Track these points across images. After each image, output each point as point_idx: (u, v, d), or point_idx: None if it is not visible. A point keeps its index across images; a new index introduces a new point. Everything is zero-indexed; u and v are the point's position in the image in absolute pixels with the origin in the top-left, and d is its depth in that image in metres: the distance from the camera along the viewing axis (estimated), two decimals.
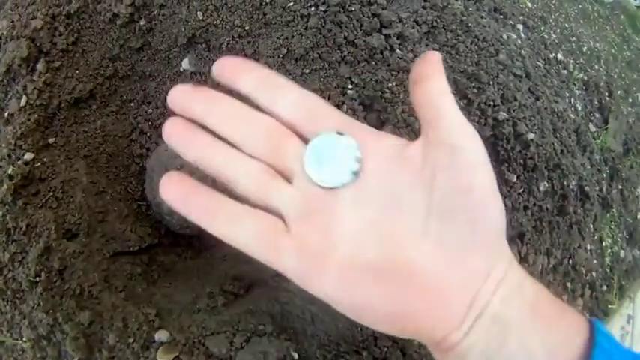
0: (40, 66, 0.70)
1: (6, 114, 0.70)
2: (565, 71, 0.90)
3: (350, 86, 0.64)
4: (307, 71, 0.64)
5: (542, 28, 0.89)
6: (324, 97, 0.65)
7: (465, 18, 0.75)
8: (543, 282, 0.74)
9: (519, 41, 0.82)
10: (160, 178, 0.65)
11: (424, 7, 0.73)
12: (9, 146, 0.68)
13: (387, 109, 0.64)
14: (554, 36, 0.94)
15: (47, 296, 0.60)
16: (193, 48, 0.69)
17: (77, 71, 0.70)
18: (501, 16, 0.85)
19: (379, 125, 0.65)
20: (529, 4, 0.93)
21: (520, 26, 0.86)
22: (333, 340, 0.57)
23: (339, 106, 0.65)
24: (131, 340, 0.57)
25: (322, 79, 0.65)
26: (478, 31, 0.75)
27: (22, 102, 0.70)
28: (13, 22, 0.69)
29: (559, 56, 0.91)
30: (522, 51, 0.79)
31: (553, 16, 0.99)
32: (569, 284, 0.78)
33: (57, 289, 0.61)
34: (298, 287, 0.27)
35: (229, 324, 0.57)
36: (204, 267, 0.67)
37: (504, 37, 0.78)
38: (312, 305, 0.57)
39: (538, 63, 0.83)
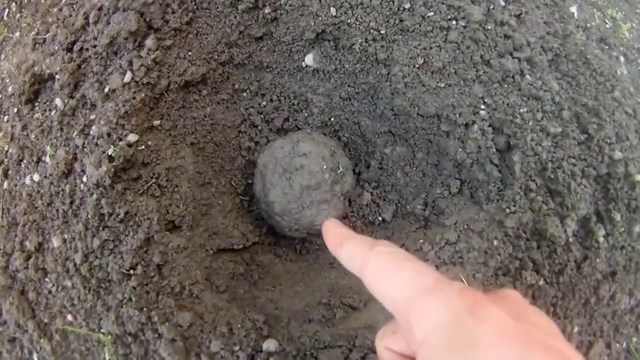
0: (149, 42, 0.65)
1: (106, 89, 0.65)
2: None
3: (482, 107, 0.63)
4: (442, 85, 0.62)
5: (639, 61, 0.89)
6: (456, 115, 0.63)
7: (583, 49, 0.74)
8: (620, 322, 0.76)
9: (624, 75, 0.82)
10: (274, 175, 0.62)
11: (548, 33, 0.72)
12: (109, 124, 0.62)
13: (516, 135, 0.62)
14: None
15: (141, 292, 0.56)
16: (320, 44, 0.65)
17: (190, 53, 0.66)
18: (607, 47, 0.84)
19: (506, 149, 0.63)
20: (627, 35, 0.93)
21: (622, 58, 0.85)
22: None
23: (468, 126, 0.64)
24: (237, 347, 0.54)
25: (456, 96, 0.62)
26: (596, 64, 0.74)
27: (127, 78, 0.65)
28: None
29: None
30: (631, 88, 0.78)
31: None
32: None
33: (153, 285, 0.57)
34: None
35: (345, 338, 0.55)
36: (308, 272, 0.64)
37: (618, 72, 0.77)
38: None
39: (639, 100, 0.82)
